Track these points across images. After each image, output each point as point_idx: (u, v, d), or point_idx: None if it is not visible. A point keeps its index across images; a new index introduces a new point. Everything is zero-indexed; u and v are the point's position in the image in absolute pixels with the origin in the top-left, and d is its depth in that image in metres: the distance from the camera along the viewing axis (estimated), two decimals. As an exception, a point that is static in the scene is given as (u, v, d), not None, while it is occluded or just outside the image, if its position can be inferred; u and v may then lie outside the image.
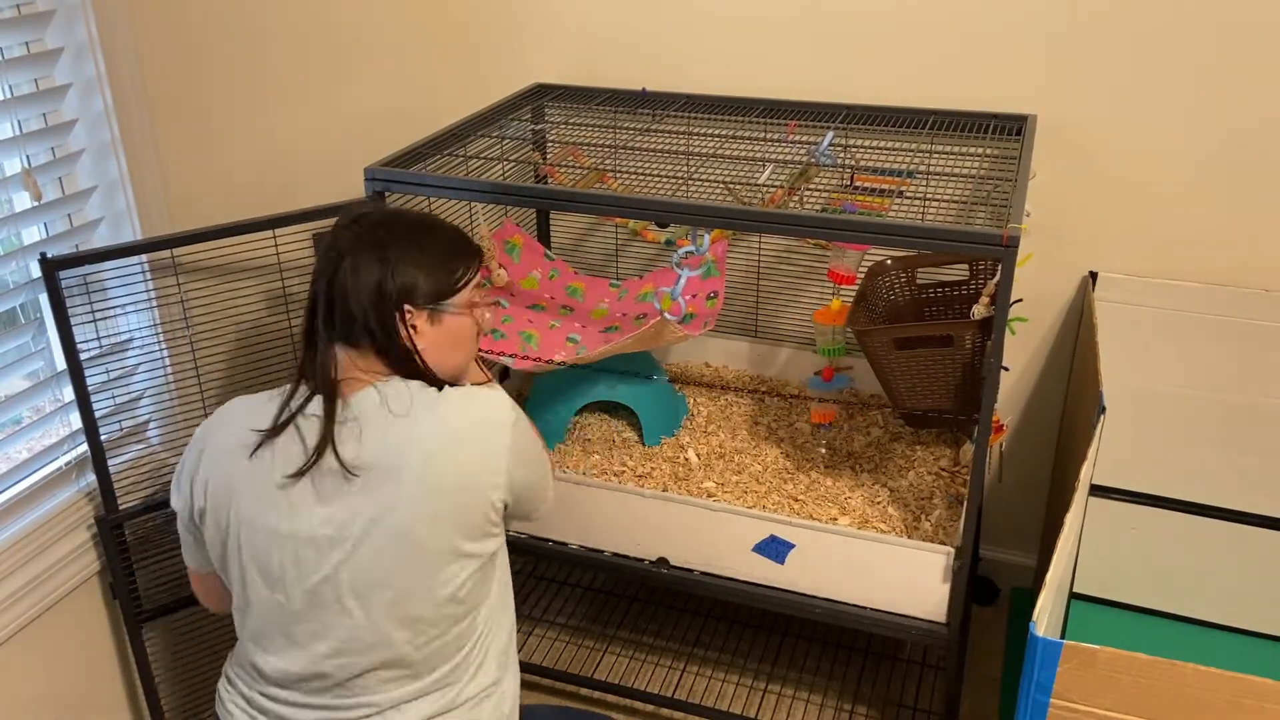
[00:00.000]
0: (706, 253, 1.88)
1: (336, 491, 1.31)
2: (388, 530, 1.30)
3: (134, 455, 1.75)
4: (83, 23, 1.54)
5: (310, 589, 1.33)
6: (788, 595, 1.82)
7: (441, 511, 1.31)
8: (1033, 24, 2.00)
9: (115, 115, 1.60)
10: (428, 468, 1.31)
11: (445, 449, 1.33)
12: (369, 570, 1.31)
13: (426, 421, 1.33)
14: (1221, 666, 1.18)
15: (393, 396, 1.34)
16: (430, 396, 1.36)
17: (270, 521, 1.32)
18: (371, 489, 1.30)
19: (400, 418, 1.33)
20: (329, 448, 1.31)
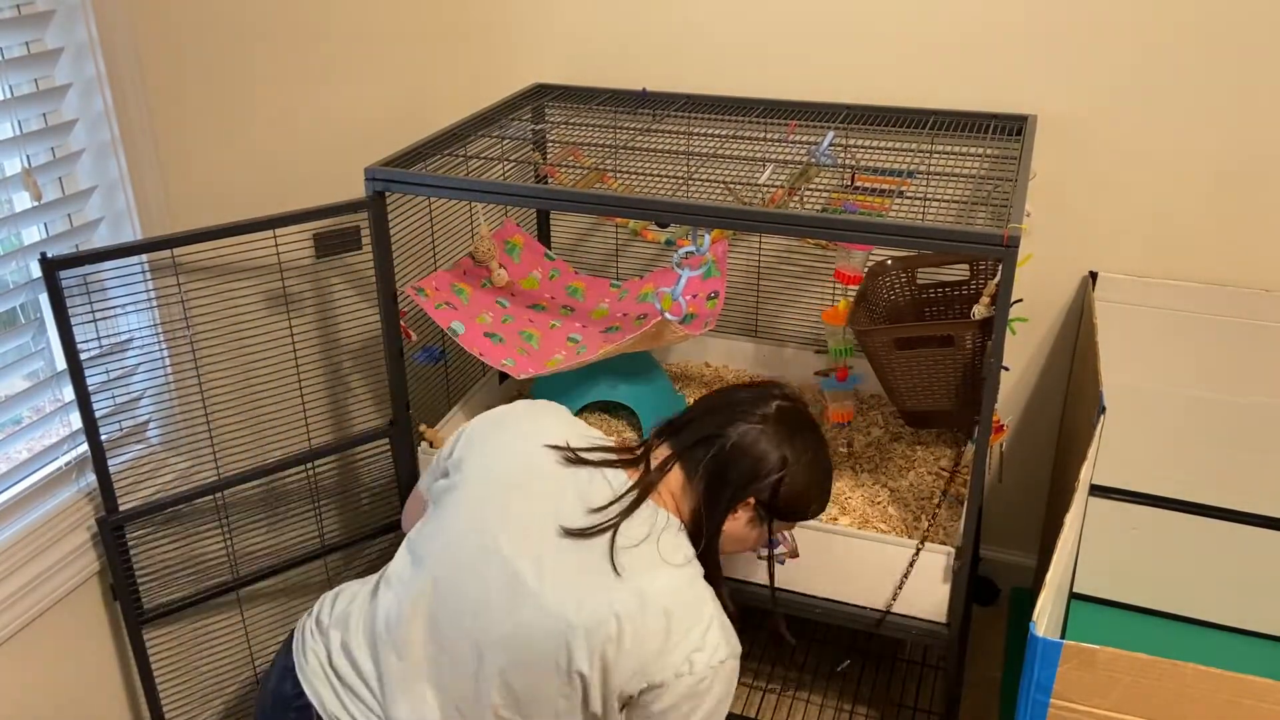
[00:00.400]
0: (707, 253, 1.88)
1: (567, 560, 1.31)
2: (548, 632, 1.29)
3: (134, 455, 1.75)
4: (83, 23, 1.54)
5: (466, 611, 1.33)
6: (788, 595, 1.82)
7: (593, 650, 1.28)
8: (1033, 24, 2.00)
9: (115, 115, 1.59)
10: (630, 611, 1.28)
11: (635, 620, 1.28)
12: (514, 646, 1.30)
13: (651, 585, 1.30)
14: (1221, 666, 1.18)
15: (665, 538, 1.35)
16: (666, 564, 1.33)
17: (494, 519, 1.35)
18: (580, 590, 1.30)
19: (656, 558, 1.32)
20: (614, 530, 1.32)
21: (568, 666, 1.28)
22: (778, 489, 1.39)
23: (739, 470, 1.38)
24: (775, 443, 1.39)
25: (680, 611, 1.29)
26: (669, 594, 1.30)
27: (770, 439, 1.39)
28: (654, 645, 1.27)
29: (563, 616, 1.28)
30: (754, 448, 1.38)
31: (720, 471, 1.38)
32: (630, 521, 1.34)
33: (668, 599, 1.29)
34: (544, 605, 1.29)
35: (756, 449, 1.38)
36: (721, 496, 1.38)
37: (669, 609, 1.29)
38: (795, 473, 1.40)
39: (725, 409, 1.42)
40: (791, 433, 1.41)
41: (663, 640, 1.28)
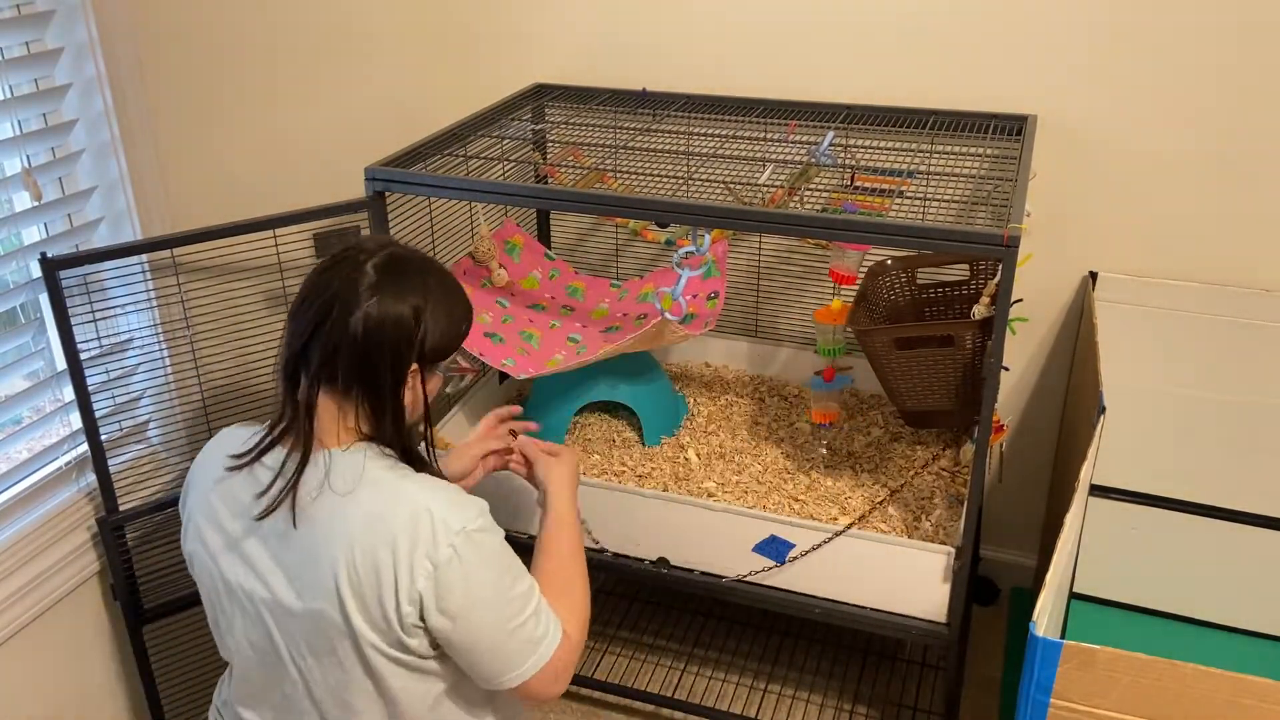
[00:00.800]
0: (707, 253, 1.88)
1: (279, 549, 1.24)
2: (306, 608, 1.22)
3: (134, 455, 1.75)
4: (83, 23, 1.54)
5: (256, 643, 1.28)
6: (788, 595, 1.82)
7: (352, 603, 1.20)
8: (1033, 24, 2.00)
9: (115, 115, 1.59)
10: (349, 556, 1.19)
11: (367, 542, 1.19)
12: (299, 641, 1.25)
13: (362, 506, 1.21)
14: (1221, 666, 1.18)
15: (338, 470, 1.23)
16: (391, 473, 1.24)
17: (225, 568, 1.28)
18: (299, 559, 1.22)
19: (340, 496, 1.22)
20: (288, 505, 1.22)
21: (346, 645, 1.22)
22: (425, 344, 1.25)
23: (384, 351, 1.22)
24: (398, 302, 1.23)
25: (385, 530, 1.18)
26: (365, 524, 1.19)
27: (391, 303, 1.22)
28: (388, 575, 1.18)
29: (296, 611, 1.22)
30: (385, 322, 1.22)
31: (365, 368, 1.22)
32: (304, 483, 1.22)
33: (365, 529, 1.19)
34: (288, 610, 1.23)
35: (387, 321, 1.22)
36: (384, 388, 1.24)
37: (375, 537, 1.18)
38: (433, 315, 1.25)
39: (326, 306, 1.22)
40: (405, 278, 1.25)
41: (393, 563, 1.18)
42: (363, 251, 1.26)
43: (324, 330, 1.22)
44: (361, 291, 1.22)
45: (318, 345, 1.22)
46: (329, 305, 1.22)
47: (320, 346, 1.22)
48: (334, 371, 1.23)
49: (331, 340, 1.22)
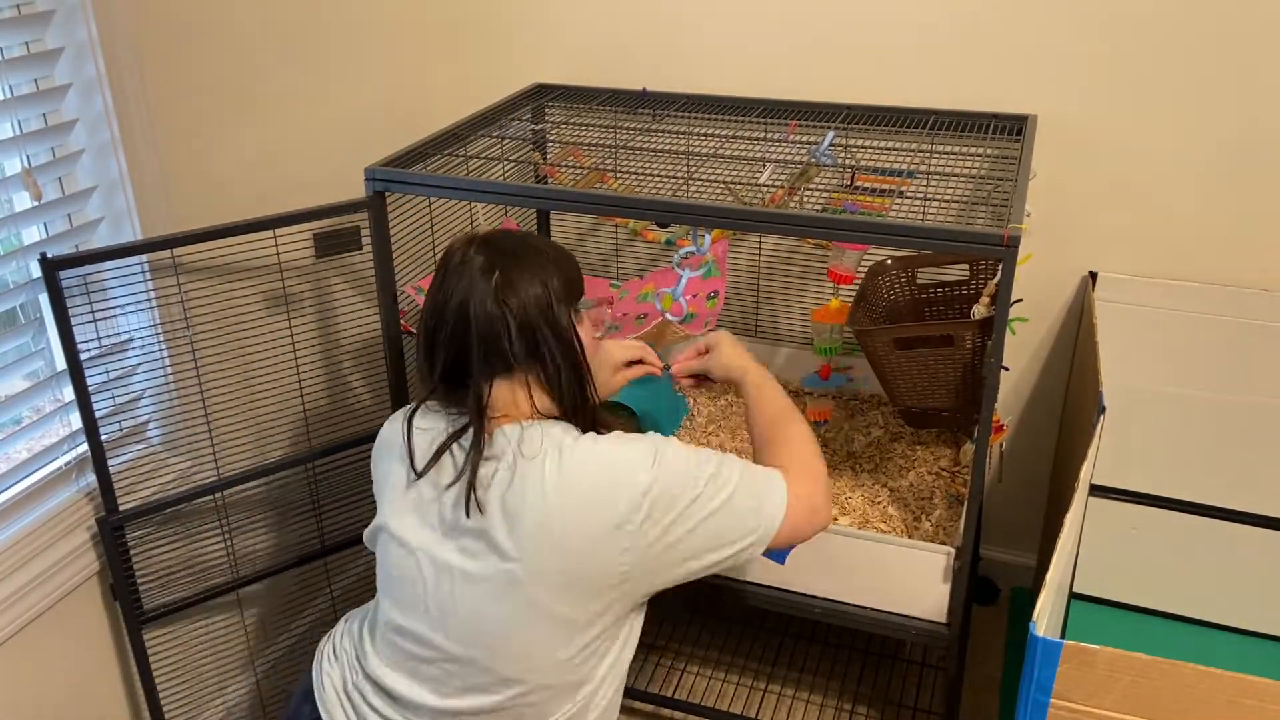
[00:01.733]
0: (707, 253, 1.88)
1: (463, 528, 1.29)
2: (500, 581, 1.26)
3: (134, 455, 1.75)
4: (83, 23, 1.54)
5: (429, 608, 1.31)
6: (788, 595, 1.82)
7: (552, 571, 1.25)
8: (1033, 24, 2.00)
9: (115, 115, 1.60)
10: (545, 524, 1.24)
11: (565, 507, 1.25)
12: (473, 615, 1.28)
13: (552, 473, 1.26)
14: (1221, 666, 1.18)
15: (527, 440, 1.28)
16: (561, 440, 1.28)
17: (408, 526, 1.33)
18: (491, 534, 1.27)
19: (530, 461, 1.27)
20: (470, 486, 1.27)
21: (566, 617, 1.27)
22: (569, 288, 1.34)
23: (537, 324, 1.30)
24: (523, 276, 1.30)
25: (577, 479, 1.25)
26: (558, 481, 1.25)
27: (518, 278, 1.30)
28: (593, 529, 1.24)
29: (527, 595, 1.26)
30: (527, 298, 1.29)
31: (531, 342, 1.30)
32: (484, 468, 1.28)
33: (559, 484, 1.24)
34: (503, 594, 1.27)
35: (522, 296, 1.29)
36: (548, 351, 1.31)
37: (565, 489, 1.24)
38: (554, 271, 1.33)
39: (465, 308, 1.29)
40: (506, 255, 1.31)
41: (597, 516, 1.24)
42: (465, 254, 1.33)
43: (478, 331, 1.29)
44: (488, 285, 1.29)
45: (479, 345, 1.29)
46: (469, 306, 1.29)
47: (481, 345, 1.29)
48: (500, 360, 1.30)
49: (489, 333, 1.29)
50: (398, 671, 1.34)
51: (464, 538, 1.29)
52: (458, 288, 1.30)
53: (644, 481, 1.25)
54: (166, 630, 1.81)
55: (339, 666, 1.41)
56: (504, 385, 1.32)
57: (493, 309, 1.28)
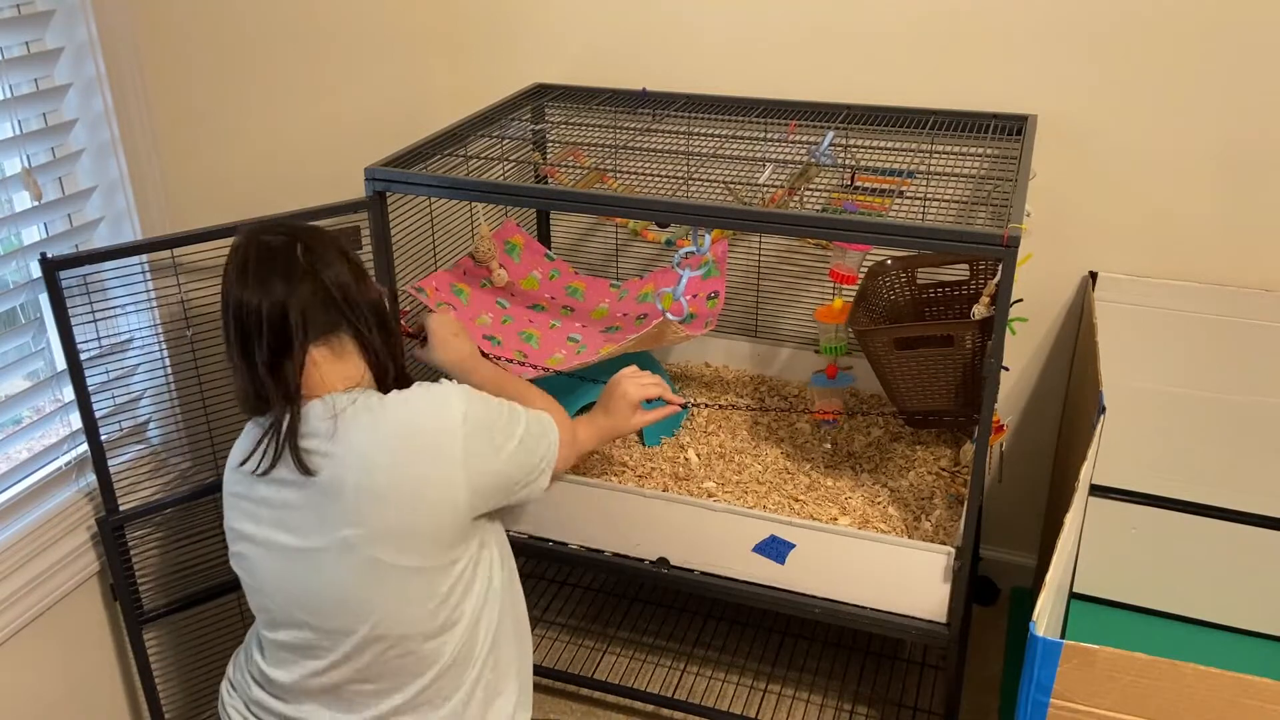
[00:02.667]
0: (707, 253, 1.88)
1: (298, 503, 1.30)
2: (340, 548, 1.29)
3: (134, 455, 1.75)
4: (83, 23, 1.54)
5: (287, 597, 1.34)
6: (788, 595, 1.82)
7: (393, 527, 1.28)
8: (1033, 24, 2.00)
9: (115, 115, 1.59)
10: (371, 481, 1.27)
11: (388, 462, 1.27)
12: (332, 585, 1.30)
13: (367, 431, 1.28)
14: (1221, 666, 1.18)
15: (339, 403, 1.30)
16: (371, 400, 1.31)
17: (248, 530, 1.35)
18: (321, 502, 1.29)
19: (343, 426, 1.28)
20: (291, 455, 1.28)
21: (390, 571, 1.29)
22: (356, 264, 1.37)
23: (350, 295, 1.34)
24: (329, 256, 1.34)
25: (393, 431, 1.29)
26: (374, 438, 1.28)
27: (328, 258, 1.34)
28: (423, 478, 1.28)
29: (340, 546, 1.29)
30: (332, 271, 1.33)
31: (348, 311, 1.34)
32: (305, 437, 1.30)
33: (375, 441, 1.28)
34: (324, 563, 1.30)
35: (334, 272, 1.33)
36: (372, 317, 1.36)
37: (383, 444, 1.27)
38: (349, 255, 1.36)
39: (257, 296, 1.30)
40: (312, 244, 1.34)
41: (414, 453, 1.28)
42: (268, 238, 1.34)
43: (284, 308, 1.30)
44: (300, 264, 1.32)
45: (298, 321, 1.30)
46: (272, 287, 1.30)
47: (299, 321, 1.30)
48: (321, 328, 1.32)
49: (302, 310, 1.30)
50: (286, 667, 1.38)
51: (292, 517, 1.31)
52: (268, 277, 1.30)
53: (459, 411, 1.31)
54: (166, 630, 1.81)
55: (238, 695, 1.45)
56: (314, 360, 1.32)
57: (315, 280, 1.31)
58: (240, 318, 1.29)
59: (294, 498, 1.30)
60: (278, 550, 1.33)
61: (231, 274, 1.32)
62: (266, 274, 1.29)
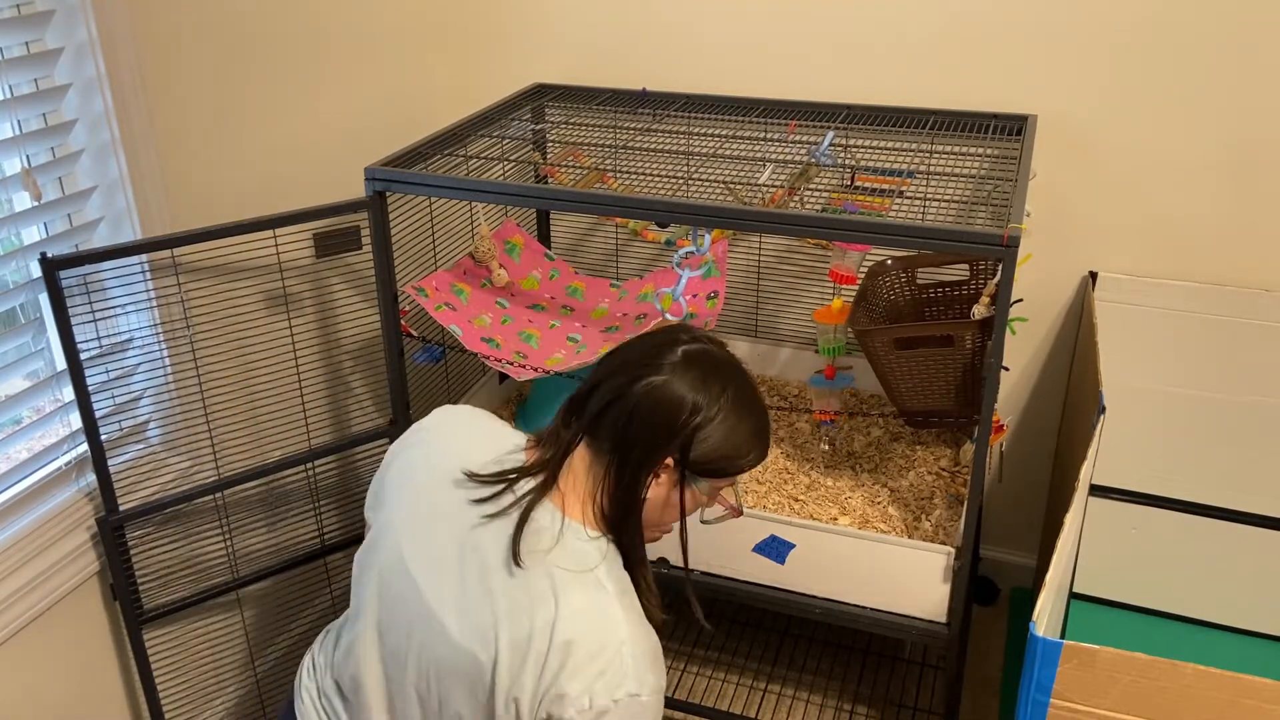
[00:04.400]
0: (707, 253, 1.88)
1: (474, 582, 1.21)
2: (460, 666, 1.20)
3: (134, 455, 1.75)
4: (83, 23, 1.54)
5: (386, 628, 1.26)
6: (788, 595, 1.82)
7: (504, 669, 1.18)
8: (1033, 24, 2.00)
9: (115, 115, 1.59)
10: (528, 632, 1.17)
11: (552, 632, 1.16)
12: (444, 679, 1.23)
13: (545, 609, 1.17)
14: (1221, 666, 1.18)
15: (569, 546, 1.20)
16: (584, 581, 1.19)
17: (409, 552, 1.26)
18: (487, 610, 1.20)
19: (555, 569, 1.18)
20: (518, 539, 1.20)
21: (483, 698, 1.20)
22: (691, 440, 1.22)
23: (648, 426, 1.21)
24: (685, 389, 1.22)
25: (584, 638, 1.15)
26: (569, 618, 1.16)
27: (679, 386, 1.22)
28: (549, 677, 1.15)
29: (469, 650, 1.19)
30: (661, 398, 1.21)
31: (626, 434, 1.22)
32: (529, 529, 1.21)
33: (568, 624, 1.16)
34: (452, 640, 1.21)
35: (664, 399, 1.21)
36: (630, 461, 1.22)
37: (570, 637, 1.15)
38: (713, 419, 1.22)
39: (624, 368, 1.24)
40: (705, 375, 1.23)
41: (558, 671, 1.15)
42: (682, 337, 1.26)
43: (613, 384, 1.23)
44: (663, 364, 1.23)
45: (600, 395, 1.24)
46: (629, 364, 1.24)
47: (601, 396, 1.24)
48: (600, 425, 1.23)
49: (612, 393, 1.23)
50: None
51: (468, 574, 1.22)
52: (652, 348, 1.25)
53: (602, 696, 1.15)
54: (166, 630, 1.81)
55: (314, 678, 1.38)
56: (586, 451, 1.24)
57: (636, 385, 1.21)
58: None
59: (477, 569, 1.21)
60: (410, 578, 1.24)
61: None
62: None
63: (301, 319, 1.97)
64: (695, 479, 1.25)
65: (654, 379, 1.22)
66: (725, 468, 1.26)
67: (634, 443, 1.22)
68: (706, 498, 1.30)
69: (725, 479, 1.28)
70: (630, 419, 1.22)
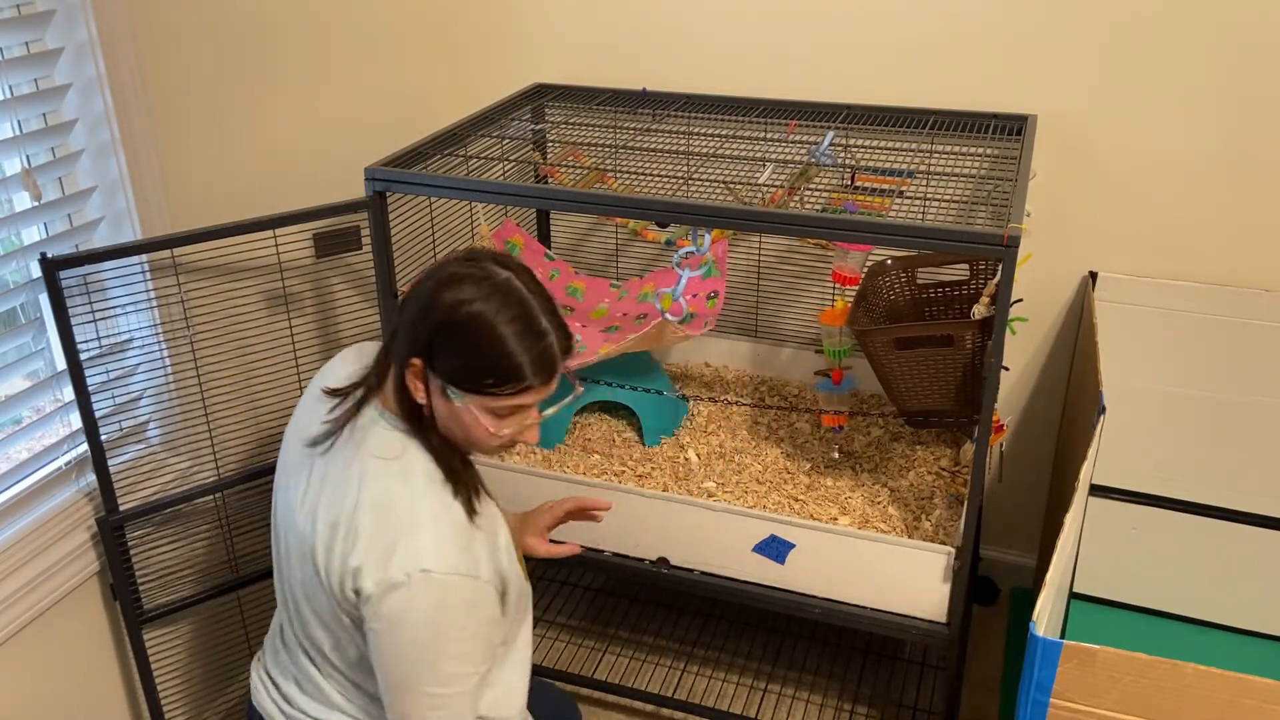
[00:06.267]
0: (707, 253, 1.88)
1: (314, 483, 1.31)
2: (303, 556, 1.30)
3: (134, 455, 1.75)
4: (83, 23, 1.54)
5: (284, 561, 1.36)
6: (788, 595, 1.82)
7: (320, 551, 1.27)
8: (1033, 24, 2.00)
9: (115, 115, 1.59)
10: (337, 513, 1.26)
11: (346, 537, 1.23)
12: (291, 571, 1.34)
13: (351, 493, 1.25)
14: (1221, 666, 1.18)
15: (374, 432, 1.28)
16: (389, 468, 1.25)
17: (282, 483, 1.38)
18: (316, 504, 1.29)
19: (368, 458, 1.26)
20: (337, 429, 1.30)
21: (315, 580, 1.28)
22: (430, 343, 1.20)
23: (404, 325, 1.23)
24: (440, 290, 1.20)
25: (379, 517, 1.22)
26: (369, 499, 1.22)
27: (438, 289, 1.21)
28: (348, 551, 1.21)
29: (304, 534, 1.29)
30: (416, 295, 1.22)
31: (395, 331, 1.25)
32: (356, 424, 1.29)
33: (368, 505, 1.22)
34: (298, 528, 1.30)
35: (418, 296, 1.22)
36: (393, 359, 1.26)
37: (366, 517, 1.22)
38: (456, 322, 1.19)
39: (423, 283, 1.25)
40: (465, 282, 1.20)
41: (352, 546, 1.21)
42: (499, 258, 1.26)
43: (410, 298, 1.27)
44: (449, 273, 1.23)
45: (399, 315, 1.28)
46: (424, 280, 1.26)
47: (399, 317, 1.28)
48: (395, 329, 1.28)
49: (406, 304, 1.26)
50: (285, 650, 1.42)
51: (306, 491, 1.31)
52: (439, 270, 1.25)
53: (397, 569, 1.20)
54: (166, 630, 1.81)
55: (261, 660, 1.48)
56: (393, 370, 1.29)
57: (416, 290, 1.24)
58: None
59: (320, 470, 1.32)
60: (282, 492, 1.37)
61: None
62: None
63: (301, 319, 1.97)
64: (452, 389, 1.22)
65: (429, 283, 1.23)
66: (478, 381, 1.21)
67: (394, 341, 1.26)
68: (490, 418, 1.24)
69: (487, 396, 1.22)
70: (399, 314, 1.26)
